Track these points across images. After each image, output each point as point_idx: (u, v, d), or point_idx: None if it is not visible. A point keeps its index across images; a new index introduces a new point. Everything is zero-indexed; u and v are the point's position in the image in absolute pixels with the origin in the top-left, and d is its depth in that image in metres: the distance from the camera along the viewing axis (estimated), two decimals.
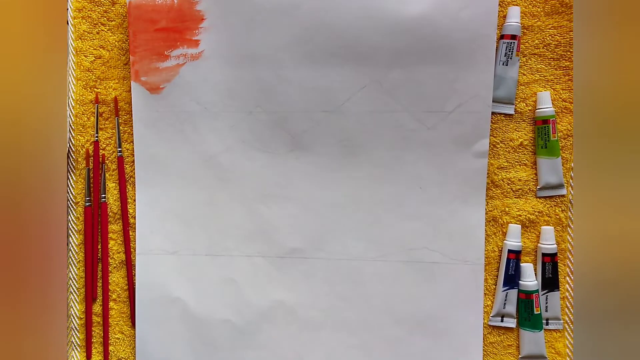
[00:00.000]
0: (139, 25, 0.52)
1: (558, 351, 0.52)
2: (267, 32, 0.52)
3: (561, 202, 0.52)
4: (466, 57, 0.50)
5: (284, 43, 0.52)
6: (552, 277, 0.52)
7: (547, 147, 0.51)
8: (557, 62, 0.51)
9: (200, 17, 0.52)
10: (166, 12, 0.52)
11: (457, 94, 0.51)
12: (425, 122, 0.52)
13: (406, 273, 0.52)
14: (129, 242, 0.54)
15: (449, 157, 0.52)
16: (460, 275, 0.52)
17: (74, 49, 0.54)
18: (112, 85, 0.54)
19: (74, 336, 0.55)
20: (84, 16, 0.54)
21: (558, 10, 0.51)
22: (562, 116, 0.51)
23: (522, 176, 0.52)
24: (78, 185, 0.55)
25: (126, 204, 0.54)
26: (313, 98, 0.52)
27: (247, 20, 0.52)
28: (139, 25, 0.52)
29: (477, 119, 0.51)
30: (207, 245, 0.53)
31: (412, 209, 0.52)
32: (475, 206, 0.52)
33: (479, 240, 0.52)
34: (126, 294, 0.55)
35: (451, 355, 0.52)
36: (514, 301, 0.52)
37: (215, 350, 0.53)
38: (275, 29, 0.52)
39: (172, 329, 0.54)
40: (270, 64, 0.52)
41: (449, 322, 0.52)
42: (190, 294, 0.53)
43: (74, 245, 0.55)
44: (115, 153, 0.54)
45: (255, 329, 0.53)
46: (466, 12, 0.50)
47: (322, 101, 0.52)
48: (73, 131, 0.55)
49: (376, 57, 0.51)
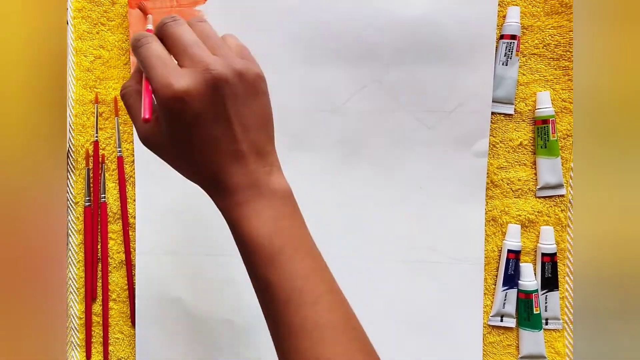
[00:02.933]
0: (139, 25, 0.52)
1: (557, 351, 0.52)
2: (267, 31, 0.52)
3: (561, 202, 0.52)
4: (466, 57, 0.50)
5: (283, 43, 0.52)
6: (551, 277, 0.52)
7: (546, 147, 0.51)
8: (556, 62, 0.51)
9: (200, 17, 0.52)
10: (166, 12, 0.52)
11: (457, 94, 0.51)
12: (425, 122, 0.52)
13: (406, 273, 0.52)
14: (129, 242, 0.54)
15: (449, 156, 0.52)
16: (460, 275, 0.52)
17: (74, 49, 0.54)
18: (112, 85, 0.54)
19: (73, 336, 0.55)
20: (84, 16, 0.54)
21: (558, 10, 0.51)
22: (562, 116, 0.52)
23: (522, 176, 0.52)
24: (78, 185, 0.55)
25: (126, 204, 0.54)
26: (313, 98, 0.52)
27: (247, 20, 0.52)
28: (139, 25, 0.52)
29: (477, 119, 0.51)
30: (207, 245, 0.53)
31: (412, 208, 0.52)
32: (475, 206, 0.52)
33: (478, 240, 0.52)
34: (126, 293, 0.55)
35: (451, 355, 0.52)
36: (513, 301, 0.52)
37: (215, 350, 0.53)
38: (275, 29, 0.52)
39: (172, 329, 0.54)
40: (270, 63, 0.52)
41: (449, 321, 0.52)
42: (190, 294, 0.53)
43: (73, 245, 0.55)
44: (115, 153, 0.54)
45: (255, 329, 0.53)
46: (466, 12, 0.50)
47: (322, 101, 0.52)
48: (73, 131, 0.55)
49: (376, 57, 0.51)
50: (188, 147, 0.33)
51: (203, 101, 0.31)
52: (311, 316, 0.32)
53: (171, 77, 0.31)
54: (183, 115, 0.31)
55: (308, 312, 0.32)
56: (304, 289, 0.32)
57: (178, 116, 0.32)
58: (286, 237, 0.33)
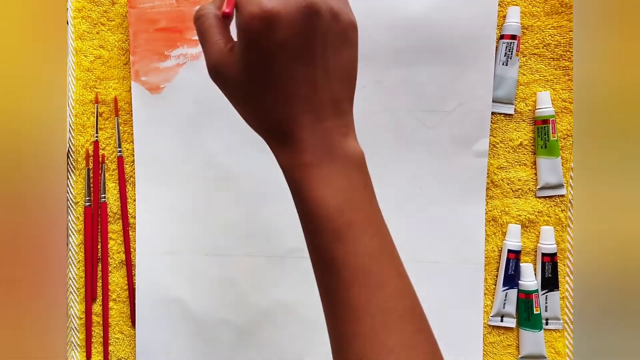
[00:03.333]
0: (139, 25, 0.52)
1: (558, 351, 0.52)
2: None
3: (561, 202, 0.52)
4: (466, 57, 0.50)
5: None
6: (551, 277, 0.52)
7: (546, 147, 0.51)
8: (557, 62, 0.51)
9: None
10: (166, 12, 0.52)
11: (457, 94, 0.51)
12: (425, 122, 0.52)
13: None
14: (129, 242, 0.54)
15: (449, 157, 0.52)
16: (460, 275, 0.52)
17: (74, 49, 0.54)
18: (112, 85, 0.54)
19: (73, 336, 0.55)
20: (84, 16, 0.54)
21: (558, 10, 0.51)
22: (562, 116, 0.52)
23: (522, 176, 0.52)
24: (78, 185, 0.55)
25: (126, 204, 0.54)
26: None
27: None
28: (139, 25, 0.52)
29: (477, 119, 0.51)
30: (207, 245, 0.53)
31: (412, 208, 0.52)
32: (475, 206, 0.52)
33: (478, 240, 0.52)
34: (126, 294, 0.55)
35: (451, 355, 0.52)
36: (513, 301, 0.52)
37: (215, 350, 0.53)
38: None
39: (172, 329, 0.54)
40: None
41: (449, 321, 0.52)
42: (190, 294, 0.53)
43: (74, 245, 0.55)
44: (115, 153, 0.54)
45: (255, 328, 0.53)
46: (466, 12, 0.50)
47: None
48: (73, 131, 0.55)
49: (376, 57, 0.51)
50: (261, 82, 0.29)
51: (291, 29, 0.28)
52: (376, 300, 0.29)
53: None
54: (265, 40, 0.28)
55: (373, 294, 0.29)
56: (371, 270, 0.29)
57: (259, 41, 0.28)
58: (357, 211, 0.30)
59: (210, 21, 0.31)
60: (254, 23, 0.28)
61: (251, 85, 0.30)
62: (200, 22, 0.31)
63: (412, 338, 0.29)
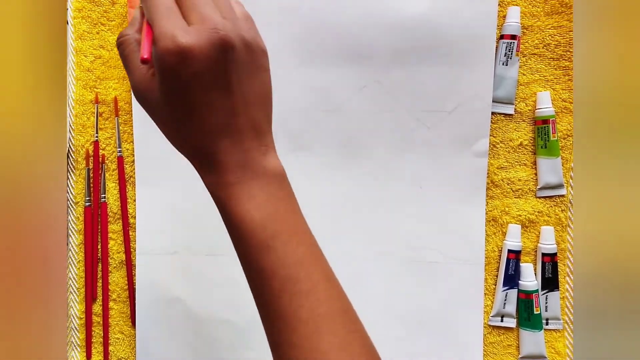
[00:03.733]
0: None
1: (558, 351, 0.52)
2: (267, 31, 0.52)
3: (561, 202, 0.52)
4: (466, 57, 0.50)
5: (284, 43, 0.52)
6: (551, 277, 0.52)
7: (546, 147, 0.51)
8: (557, 62, 0.51)
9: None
10: None
11: (457, 94, 0.51)
12: (425, 122, 0.52)
13: (406, 273, 0.52)
14: (129, 242, 0.54)
15: (449, 156, 0.52)
16: (460, 275, 0.52)
17: (74, 49, 0.54)
18: (112, 85, 0.54)
19: (74, 336, 0.55)
20: (84, 16, 0.54)
21: (558, 10, 0.51)
22: (562, 116, 0.52)
23: (522, 176, 0.52)
24: (78, 185, 0.55)
25: (126, 204, 0.54)
26: (313, 98, 0.52)
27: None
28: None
29: (477, 119, 0.51)
30: (207, 245, 0.53)
31: (412, 208, 0.52)
32: (475, 206, 0.52)
33: (479, 240, 0.52)
34: (126, 294, 0.55)
35: (451, 355, 0.52)
36: (513, 301, 0.52)
37: (215, 350, 0.53)
38: (275, 29, 0.52)
39: (172, 329, 0.54)
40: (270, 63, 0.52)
41: (449, 321, 0.52)
42: (190, 294, 0.53)
43: (74, 245, 0.55)
44: (115, 153, 0.54)
45: (255, 329, 0.53)
46: (466, 12, 0.50)
47: (322, 101, 0.52)
48: (73, 131, 0.55)
49: (376, 57, 0.51)
50: (181, 110, 0.31)
51: (205, 62, 0.29)
52: (307, 305, 0.30)
53: (177, 29, 0.29)
54: (181, 72, 0.29)
55: (303, 301, 0.30)
56: (299, 277, 0.30)
57: (176, 73, 0.29)
58: (281, 222, 0.31)
59: (131, 47, 0.32)
60: (169, 57, 0.29)
61: (172, 112, 0.31)
62: (122, 48, 0.32)
63: (344, 339, 0.30)
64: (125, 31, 0.33)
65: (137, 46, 0.32)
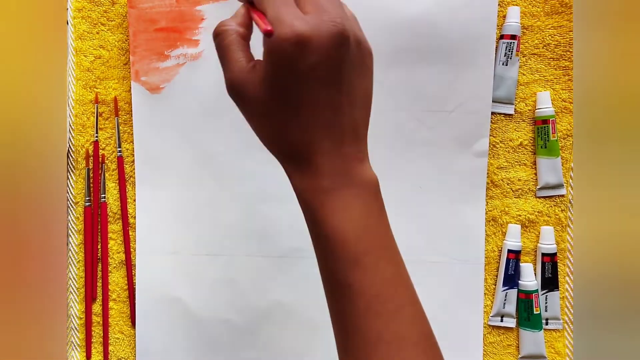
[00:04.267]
0: (139, 25, 0.52)
1: (558, 351, 0.52)
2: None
3: (561, 202, 0.52)
4: (466, 57, 0.50)
5: None
6: (551, 277, 0.52)
7: (546, 147, 0.51)
8: (556, 62, 0.51)
9: (199, 17, 0.52)
10: (166, 12, 0.52)
11: (457, 94, 0.51)
12: (425, 122, 0.52)
13: None
14: (129, 242, 0.54)
15: (449, 156, 0.52)
16: (460, 275, 0.52)
17: (74, 49, 0.54)
18: (112, 85, 0.54)
19: (73, 336, 0.55)
20: (83, 16, 0.54)
21: (558, 10, 0.51)
22: (562, 116, 0.52)
23: (522, 176, 0.52)
24: (78, 185, 0.55)
25: (126, 204, 0.54)
26: None
27: None
28: (139, 25, 0.52)
29: (477, 119, 0.51)
30: (207, 245, 0.53)
31: (412, 208, 0.52)
32: (475, 206, 0.52)
33: (478, 240, 0.52)
34: (126, 294, 0.55)
35: (451, 355, 0.52)
36: (513, 301, 0.52)
37: (215, 350, 0.53)
38: None
39: (172, 329, 0.54)
40: None
41: (449, 321, 0.52)
42: (191, 294, 0.53)
43: (73, 245, 0.55)
44: (115, 153, 0.54)
45: (255, 329, 0.53)
46: (466, 12, 0.50)
47: None
48: (73, 131, 0.55)
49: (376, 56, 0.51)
50: (285, 104, 0.29)
51: (322, 54, 0.27)
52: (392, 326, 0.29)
53: (294, 18, 0.27)
54: (299, 63, 0.27)
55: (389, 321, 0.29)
56: (387, 297, 0.29)
57: (290, 64, 0.27)
58: (374, 238, 0.30)
59: (231, 38, 0.30)
60: (286, 46, 0.27)
61: (273, 106, 0.29)
62: (220, 39, 0.30)
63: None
64: (227, 21, 0.31)
65: (237, 37, 0.30)
